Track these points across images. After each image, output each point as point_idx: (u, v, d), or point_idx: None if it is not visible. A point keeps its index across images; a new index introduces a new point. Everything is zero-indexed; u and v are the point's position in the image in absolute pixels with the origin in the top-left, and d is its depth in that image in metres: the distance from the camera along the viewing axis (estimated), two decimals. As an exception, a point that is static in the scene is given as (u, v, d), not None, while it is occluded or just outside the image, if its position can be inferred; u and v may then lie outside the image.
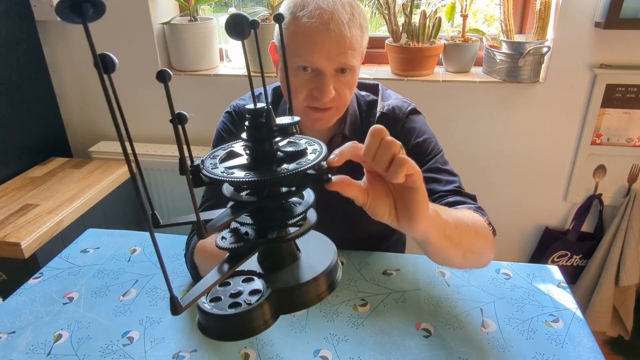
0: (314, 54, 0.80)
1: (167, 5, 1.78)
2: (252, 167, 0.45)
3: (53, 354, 0.75)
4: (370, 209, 0.55)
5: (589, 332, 0.78)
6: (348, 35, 0.79)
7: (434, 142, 0.95)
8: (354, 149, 0.52)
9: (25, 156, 1.77)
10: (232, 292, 0.47)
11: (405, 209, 0.55)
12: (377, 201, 0.54)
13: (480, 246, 0.76)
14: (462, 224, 0.70)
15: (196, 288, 0.43)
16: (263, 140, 0.45)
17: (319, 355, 0.74)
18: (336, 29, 0.78)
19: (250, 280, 0.49)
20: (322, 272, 0.47)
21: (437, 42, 1.61)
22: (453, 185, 0.88)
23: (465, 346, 0.75)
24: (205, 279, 0.45)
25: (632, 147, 1.60)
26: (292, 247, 0.50)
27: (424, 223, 0.55)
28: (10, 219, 1.41)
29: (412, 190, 0.53)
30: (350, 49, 0.81)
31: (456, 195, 0.86)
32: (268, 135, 0.45)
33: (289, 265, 0.49)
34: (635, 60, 1.50)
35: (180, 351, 0.75)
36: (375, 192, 0.54)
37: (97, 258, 0.99)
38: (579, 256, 1.75)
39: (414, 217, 0.54)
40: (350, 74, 0.84)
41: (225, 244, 0.46)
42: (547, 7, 1.46)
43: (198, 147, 1.82)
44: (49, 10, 1.69)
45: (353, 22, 0.81)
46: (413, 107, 0.98)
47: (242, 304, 0.45)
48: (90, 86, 1.87)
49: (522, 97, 1.61)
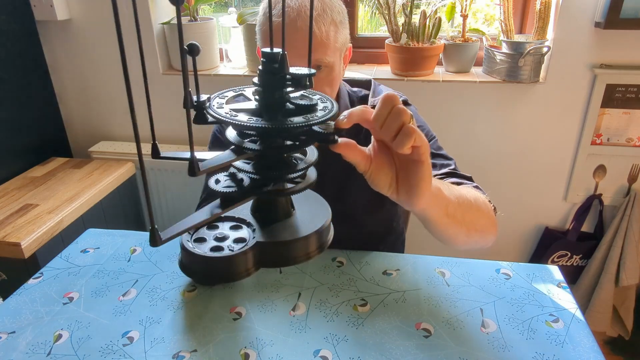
0: None
1: (167, 5, 1.78)
2: (259, 114, 0.43)
3: (53, 354, 0.75)
4: (371, 178, 0.54)
5: (589, 332, 0.78)
6: (317, 32, 0.78)
7: (427, 129, 0.95)
8: (364, 112, 0.51)
9: (25, 156, 1.77)
10: (218, 235, 0.47)
11: (407, 183, 0.54)
12: (379, 171, 0.54)
13: (484, 224, 0.75)
14: (465, 200, 0.68)
15: (180, 224, 0.43)
16: (274, 88, 0.43)
17: (319, 355, 0.74)
18: (304, 26, 0.77)
19: (238, 228, 0.48)
20: (313, 231, 0.46)
21: (437, 42, 1.61)
22: (449, 168, 0.88)
23: (465, 346, 0.75)
24: (192, 217, 0.44)
25: (632, 147, 1.60)
26: (286, 203, 0.48)
27: (424, 199, 0.54)
28: (10, 219, 1.41)
29: (417, 164, 0.52)
30: (321, 46, 0.79)
31: (452, 177, 0.85)
32: (280, 83, 0.43)
33: (281, 221, 0.47)
34: (635, 60, 1.50)
35: (180, 351, 0.75)
36: (378, 162, 0.54)
37: (97, 258, 0.99)
38: (579, 256, 1.75)
39: (414, 192, 0.53)
40: (327, 71, 0.83)
41: (218, 186, 0.45)
42: (547, 7, 1.46)
43: (198, 147, 1.82)
44: (49, 10, 1.69)
45: (323, 17, 0.79)
46: (405, 99, 0.99)
47: (224, 248, 0.45)
48: (90, 86, 1.87)
49: (522, 97, 1.61)
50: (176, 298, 0.87)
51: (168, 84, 1.79)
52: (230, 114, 0.42)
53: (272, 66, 0.42)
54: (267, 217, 0.47)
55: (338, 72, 0.86)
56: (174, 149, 1.82)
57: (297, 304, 0.84)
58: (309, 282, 0.90)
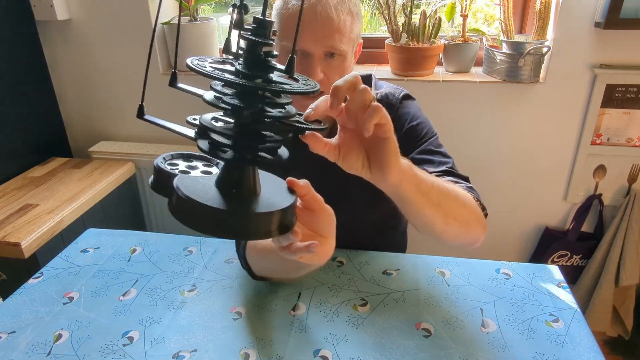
0: (300, 36, 0.80)
1: (167, 5, 1.78)
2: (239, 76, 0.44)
3: (53, 354, 0.75)
4: (343, 163, 0.56)
5: (589, 332, 0.78)
6: (335, 19, 0.80)
7: (428, 126, 0.96)
8: (326, 102, 0.52)
9: (25, 156, 1.77)
10: (190, 165, 0.51)
11: (377, 160, 0.56)
12: (349, 155, 0.56)
13: (465, 215, 0.74)
14: (442, 187, 0.69)
15: (162, 121, 0.49)
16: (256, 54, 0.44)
17: (319, 355, 0.74)
18: (323, 12, 0.79)
19: (209, 166, 0.52)
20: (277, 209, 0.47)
21: (437, 42, 1.61)
22: (446, 166, 0.88)
23: (465, 346, 0.75)
24: (173, 125, 0.49)
25: (632, 147, 1.60)
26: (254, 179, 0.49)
27: (395, 173, 0.56)
28: (10, 219, 1.41)
29: (383, 141, 0.54)
30: (337, 33, 0.81)
31: (448, 176, 0.85)
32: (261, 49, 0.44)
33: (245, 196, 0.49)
34: (635, 60, 1.50)
35: (180, 351, 0.75)
36: (346, 146, 0.56)
37: (97, 258, 0.99)
38: (579, 256, 1.75)
39: (385, 167, 0.55)
40: (339, 59, 0.84)
41: (195, 121, 0.48)
42: (547, 7, 1.46)
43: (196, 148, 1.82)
44: (49, 10, 1.69)
45: (342, 6, 0.81)
46: (406, 93, 0.99)
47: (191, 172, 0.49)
48: (90, 86, 1.87)
49: (522, 97, 1.61)
50: (176, 298, 0.87)
51: (168, 84, 1.79)
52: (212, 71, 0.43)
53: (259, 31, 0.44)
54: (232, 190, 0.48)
55: (349, 64, 0.88)
56: (174, 148, 1.82)
57: (297, 304, 0.84)
58: (309, 282, 0.90)
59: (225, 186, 0.47)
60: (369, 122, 0.50)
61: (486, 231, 0.78)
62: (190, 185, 0.46)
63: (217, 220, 0.44)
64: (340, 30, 0.81)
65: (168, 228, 1.92)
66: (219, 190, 0.47)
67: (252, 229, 0.46)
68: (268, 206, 0.47)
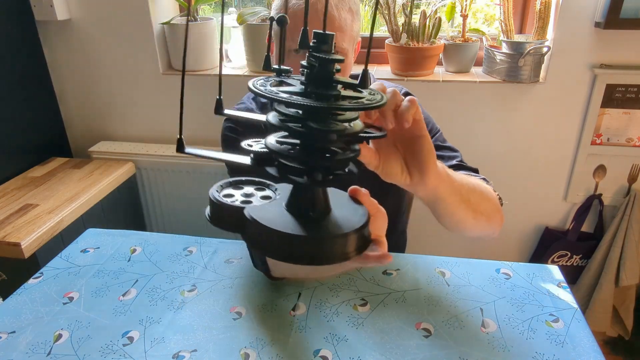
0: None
1: (167, 5, 1.78)
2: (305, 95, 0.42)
3: (53, 354, 0.75)
4: (384, 170, 0.56)
5: (589, 332, 0.78)
6: (337, 17, 0.81)
7: (432, 122, 0.97)
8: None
9: (25, 156, 1.77)
10: (246, 192, 0.49)
11: (416, 161, 0.56)
12: (388, 161, 0.56)
13: (489, 207, 0.76)
14: (469, 182, 0.71)
15: (204, 151, 0.46)
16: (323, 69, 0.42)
17: (319, 355, 0.74)
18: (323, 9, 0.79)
19: (261, 189, 0.50)
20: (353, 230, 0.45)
21: (437, 42, 1.61)
22: (456, 160, 0.90)
23: (465, 346, 0.75)
24: (219, 154, 0.46)
25: (632, 147, 1.60)
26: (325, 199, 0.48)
27: (434, 174, 0.57)
28: (10, 219, 1.41)
29: (419, 139, 0.54)
30: (339, 31, 0.82)
31: (459, 169, 0.87)
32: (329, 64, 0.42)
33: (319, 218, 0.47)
34: (635, 60, 1.50)
35: (180, 351, 0.75)
36: (384, 153, 0.56)
37: (97, 258, 0.99)
38: (579, 256, 1.75)
39: (424, 168, 0.56)
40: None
41: (251, 147, 0.45)
42: (547, 7, 1.46)
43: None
44: (49, 10, 1.69)
45: (342, 4, 0.82)
46: (406, 91, 0.99)
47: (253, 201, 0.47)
48: (90, 86, 1.87)
49: (522, 97, 1.61)
50: (176, 298, 0.87)
51: (168, 84, 1.79)
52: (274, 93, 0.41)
53: (322, 46, 0.42)
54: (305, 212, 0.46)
55: (350, 62, 0.88)
56: (173, 149, 1.81)
57: (297, 304, 0.84)
58: (309, 282, 0.90)
59: (301, 210, 0.46)
60: (407, 112, 0.50)
61: (504, 221, 0.81)
62: (265, 216, 0.44)
63: (303, 248, 0.43)
64: (341, 28, 0.82)
65: (168, 228, 1.92)
66: (296, 216, 0.45)
67: (337, 253, 0.44)
68: (349, 226, 0.45)
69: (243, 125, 0.95)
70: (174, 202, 1.87)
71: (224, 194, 0.48)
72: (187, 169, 1.77)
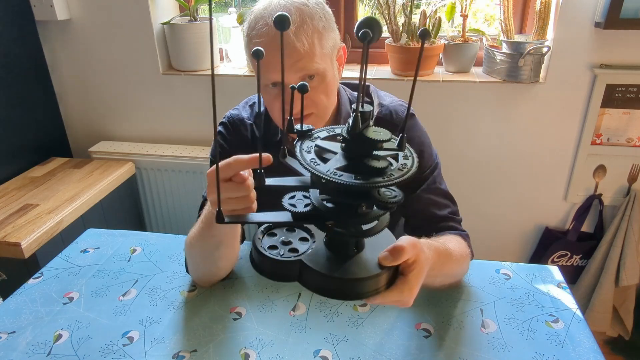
0: (270, 72, 0.80)
1: (167, 5, 1.78)
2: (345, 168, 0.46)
3: (53, 354, 0.75)
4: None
5: (589, 332, 0.78)
6: (299, 46, 0.77)
7: (432, 154, 0.95)
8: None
9: (25, 156, 1.77)
10: (284, 240, 0.53)
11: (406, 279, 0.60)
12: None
13: (461, 270, 0.88)
14: (446, 253, 0.77)
15: (248, 216, 0.51)
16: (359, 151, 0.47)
17: (319, 355, 0.74)
18: (287, 41, 0.77)
19: (305, 240, 0.54)
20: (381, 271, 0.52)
21: (437, 42, 1.61)
22: (448, 211, 0.93)
23: (465, 346, 0.75)
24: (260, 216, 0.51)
25: (632, 147, 1.60)
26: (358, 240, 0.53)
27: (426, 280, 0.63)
28: (10, 219, 1.41)
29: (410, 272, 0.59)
30: (306, 57, 0.78)
31: (450, 222, 0.92)
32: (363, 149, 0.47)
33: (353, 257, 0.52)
34: (635, 60, 1.50)
35: (180, 351, 0.75)
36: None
37: (97, 258, 0.99)
38: (579, 256, 1.75)
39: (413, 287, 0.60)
40: (319, 79, 0.82)
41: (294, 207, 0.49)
42: (547, 7, 1.46)
43: (198, 147, 1.82)
44: (49, 10, 1.69)
45: (304, 29, 0.78)
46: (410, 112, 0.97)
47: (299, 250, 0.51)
48: (90, 86, 1.87)
49: (522, 97, 1.61)
50: (176, 298, 0.87)
51: (168, 84, 1.79)
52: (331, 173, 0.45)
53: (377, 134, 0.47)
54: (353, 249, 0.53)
55: (332, 77, 0.85)
56: (174, 149, 1.82)
57: (297, 304, 0.84)
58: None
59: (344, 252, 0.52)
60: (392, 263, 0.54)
61: (468, 269, 0.92)
62: (319, 262, 0.50)
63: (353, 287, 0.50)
64: (307, 54, 0.79)
65: (168, 228, 1.92)
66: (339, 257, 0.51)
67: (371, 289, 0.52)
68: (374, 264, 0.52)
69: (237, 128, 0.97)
70: (174, 202, 1.87)
71: (267, 246, 0.52)
72: (187, 169, 1.77)
